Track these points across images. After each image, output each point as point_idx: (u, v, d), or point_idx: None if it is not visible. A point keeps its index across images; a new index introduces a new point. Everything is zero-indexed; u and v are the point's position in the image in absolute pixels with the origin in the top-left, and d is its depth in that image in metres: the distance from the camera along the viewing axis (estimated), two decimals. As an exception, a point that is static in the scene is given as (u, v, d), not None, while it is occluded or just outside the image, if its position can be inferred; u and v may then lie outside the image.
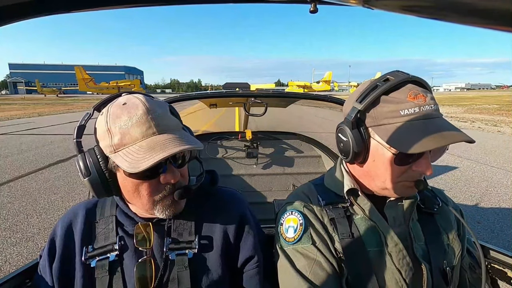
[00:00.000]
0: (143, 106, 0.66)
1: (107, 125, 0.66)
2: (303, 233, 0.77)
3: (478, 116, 14.99)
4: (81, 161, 0.69)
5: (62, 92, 67.53)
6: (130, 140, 0.64)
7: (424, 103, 0.67)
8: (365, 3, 0.32)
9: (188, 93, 1.69)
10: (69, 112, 19.97)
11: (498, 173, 5.13)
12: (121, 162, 0.63)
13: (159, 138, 0.64)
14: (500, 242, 2.91)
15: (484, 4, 0.23)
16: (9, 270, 2.48)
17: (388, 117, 0.69)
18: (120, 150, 0.65)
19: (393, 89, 0.70)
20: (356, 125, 0.73)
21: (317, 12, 0.45)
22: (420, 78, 0.72)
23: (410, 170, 0.71)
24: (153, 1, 0.51)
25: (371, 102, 0.70)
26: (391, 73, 0.73)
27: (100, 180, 0.68)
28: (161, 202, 0.71)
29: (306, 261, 0.74)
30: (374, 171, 0.75)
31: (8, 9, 0.39)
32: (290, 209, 0.83)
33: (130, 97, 0.69)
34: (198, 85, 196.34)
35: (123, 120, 0.65)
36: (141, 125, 0.64)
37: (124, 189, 0.71)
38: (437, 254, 0.76)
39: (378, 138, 0.71)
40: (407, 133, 0.66)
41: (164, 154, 0.61)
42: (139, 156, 0.62)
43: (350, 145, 0.74)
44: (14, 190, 4.32)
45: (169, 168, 0.69)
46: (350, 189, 0.80)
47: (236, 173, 2.03)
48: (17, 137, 9.09)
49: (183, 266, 0.73)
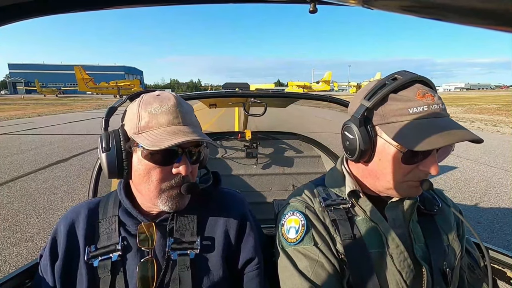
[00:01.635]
0: (175, 99, 0.73)
1: (138, 109, 0.72)
2: (305, 234, 0.76)
3: (478, 116, 15.01)
4: (104, 137, 0.73)
5: (61, 92, 67.54)
6: (156, 124, 0.70)
7: (432, 102, 0.67)
8: (365, 3, 0.32)
9: (187, 93, 1.69)
10: (69, 112, 19.96)
11: (497, 173, 5.14)
12: (143, 141, 0.68)
13: (183, 128, 0.70)
14: (500, 242, 2.92)
15: (484, 4, 0.23)
16: (9, 270, 2.47)
17: (397, 115, 0.69)
18: (144, 132, 0.70)
19: (401, 88, 0.70)
20: (363, 123, 0.73)
21: (316, 12, 0.45)
22: (427, 78, 0.72)
23: (417, 170, 0.71)
24: (153, 1, 0.51)
25: (380, 100, 0.70)
26: (398, 72, 0.73)
27: (117, 157, 0.72)
28: (167, 192, 0.72)
29: (308, 262, 0.74)
30: (379, 171, 0.75)
31: (8, 9, 0.39)
32: (291, 210, 0.82)
33: (163, 92, 0.77)
34: (197, 85, 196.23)
35: (154, 106, 0.71)
36: (169, 114, 0.70)
37: (136, 172, 0.73)
38: (437, 255, 0.76)
39: (386, 136, 0.71)
40: (415, 131, 0.66)
41: (185, 139, 0.66)
42: (162, 138, 0.67)
43: (356, 143, 0.73)
44: (14, 190, 4.32)
45: (184, 159, 0.72)
46: (352, 191, 0.80)
47: (235, 173, 2.03)
48: (16, 137, 9.08)
49: (184, 267, 0.74)
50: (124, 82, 63.96)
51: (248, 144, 2.02)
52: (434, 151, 0.69)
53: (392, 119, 0.69)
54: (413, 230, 0.77)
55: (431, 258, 0.75)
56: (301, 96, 1.97)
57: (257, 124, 4.33)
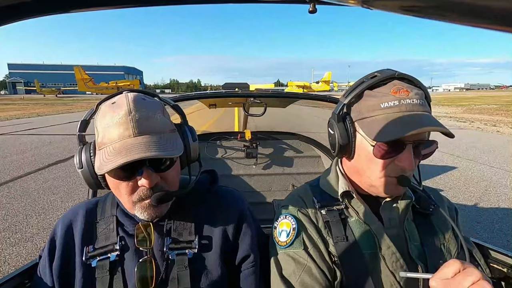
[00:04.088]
0: (127, 106, 0.65)
1: (96, 123, 0.69)
2: (295, 237, 0.77)
3: (477, 116, 15.01)
4: (78, 154, 0.72)
5: (61, 92, 67.34)
6: (108, 140, 0.66)
7: (405, 97, 0.68)
8: (364, 3, 0.32)
9: (187, 93, 1.69)
10: (69, 112, 19.94)
11: (497, 173, 5.14)
12: (96, 161, 0.67)
13: (130, 141, 0.63)
14: (499, 242, 2.92)
15: (484, 4, 0.23)
16: (8, 270, 2.47)
17: (370, 111, 0.71)
18: (101, 149, 0.67)
19: (379, 85, 0.72)
20: (342, 119, 0.76)
21: (316, 12, 0.45)
22: (408, 74, 0.73)
23: (393, 165, 0.72)
24: (153, 1, 0.51)
25: (356, 97, 0.73)
26: (379, 71, 0.75)
27: (90, 174, 0.71)
28: (139, 203, 0.71)
29: (296, 267, 0.74)
30: (360, 167, 0.77)
31: (8, 9, 0.39)
32: (284, 213, 0.83)
33: (121, 96, 0.69)
34: (197, 85, 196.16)
35: (106, 119, 0.66)
36: (120, 125, 0.64)
37: (110, 185, 0.73)
38: (432, 254, 0.76)
39: (362, 131, 0.73)
40: (384, 124, 0.68)
41: (123, 160, 0.60)
42: (107, 158, 0.63)
43: (335, 138, 0.76)
44: (13, 191, 4.31)
45: (146, 171, 0.67)
46: (344, 191, 0.80)
47: (235, 173, 2.03)
48: (16, 137, 9.07)
49: (183, 266, 0.74)
50: (123, 82, 63.91)
51: (248, 144, 2.02)
52: (408, 146, 0.69)
53: (366, 114, 0.72)
54: (408, 229, 0.78)
55: (427, 257, 0.75)
56: (300, 96, 1.98)
57: (257, 124, 4.32)
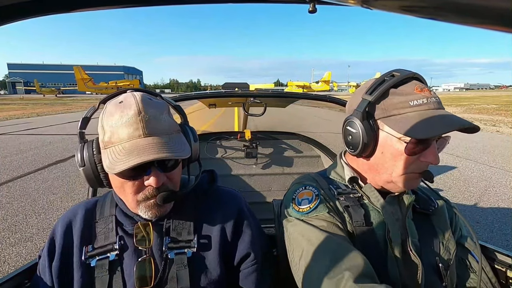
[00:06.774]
0: (136, 106, 0.66)
1: (102, 122, 0.69)
2: (319, 203, 0.78)
3: (477, 116, 15.02)
4: (79, 152, 0.71)
5: (61, 92, 67.23)
6: (117, 139, 0.66)
7: (430, 96, 0.71)
8: (364, 3, 0.32)
9: (187, 93, 1.69)
10: (68, 112, 19.92)
11: (497, 173, 5.14)
12: (104, 160, 0.66)
13: (142, 142, 0.64)
14: (499, 242, 2.92)
15: (484, 4, 0.23)
16: (8, 270, 2.47)
17: (398, 108, 0.72)
18: (108, 148, 0.67)
19: (400, 83, 0.74)
20: (366, 117, 0.76)
21: (316, 12, 0.45)
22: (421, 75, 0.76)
23: (418, 161, 0.73)
24: (153, 1, 0.51)
25: (381, 94, 0.73)
26: (395, 70, 0.76)
27: (92, 172, 0.70)
28: (144, 203, 0.71)
29: (325, 223, 0.74)
30: (381, 164, 0.77)
31: (8, 9, 0.39)
32: (302, 185, 0.85)
33: (128, 96, 0.70)
34: (197, 85, 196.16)
35: (115, 118, 0.66)
36: (130, 126, 0.65)
37: (113, 184, 0.73)
38: (428, 250, 0.79)
39: (388, 129, 0.73)
40: (418, 121, 0.69)
41: (137, 160, 0.61)
42: (119, 158, 0.63)
43: (359, 136, 0.75)
44: (13, 190, 4.31)
45: (153, 171, 0.68)
46: (352, 177, 0.83)
47: (235, 173, 2.02)
48: (15, 137, 9.05)
49: (182, 265, 0.74)
50: (123, 82, 63.79)
51: (248, 144, 2.02)
52: (433, 142, 0.72)
53: (394, 112, 0.73)
54: (408, 226, 0.79)
55: (422, 253, 0.77)
56: (300, 96, 1.97)
57: (257, 124, 4.32)
